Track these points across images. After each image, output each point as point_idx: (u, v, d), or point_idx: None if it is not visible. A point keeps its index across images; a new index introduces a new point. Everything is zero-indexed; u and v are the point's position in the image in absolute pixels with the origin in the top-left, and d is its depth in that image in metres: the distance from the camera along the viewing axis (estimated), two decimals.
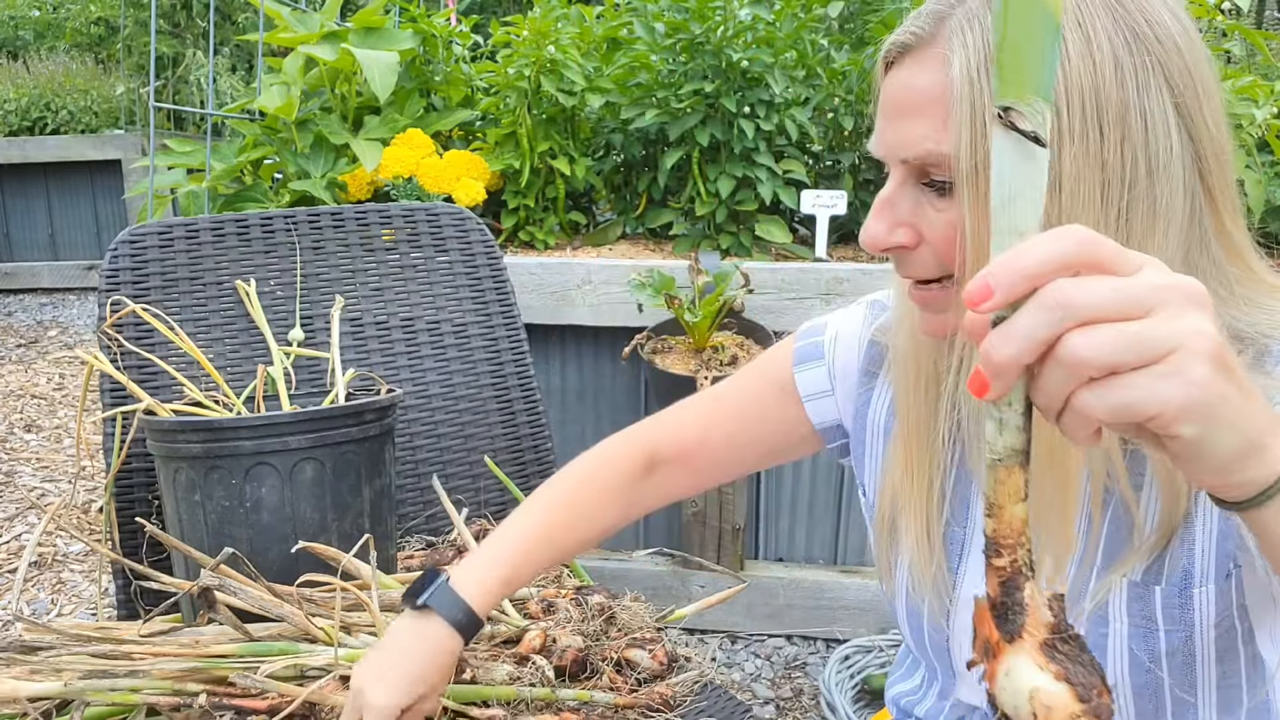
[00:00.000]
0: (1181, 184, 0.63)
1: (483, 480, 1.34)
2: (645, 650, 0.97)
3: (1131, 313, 0.40)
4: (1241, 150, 2.15)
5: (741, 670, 2.06)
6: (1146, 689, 0.73)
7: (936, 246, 0.67)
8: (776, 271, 1.96)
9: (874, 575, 2.03)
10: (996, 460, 0.42)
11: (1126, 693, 0.73)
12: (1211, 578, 0.70)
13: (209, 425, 1.00)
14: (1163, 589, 0.71)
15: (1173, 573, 0.70)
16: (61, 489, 2.84)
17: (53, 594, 2.35)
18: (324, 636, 0.88)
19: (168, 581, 0.95)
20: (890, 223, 0.68)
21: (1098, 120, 0.61)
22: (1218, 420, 0.41)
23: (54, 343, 4.38)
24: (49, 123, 5.39)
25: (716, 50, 2.05)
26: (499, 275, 1.44)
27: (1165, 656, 0.71)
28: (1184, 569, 0.70)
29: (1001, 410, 0.42)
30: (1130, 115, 0.62)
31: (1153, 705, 0.73)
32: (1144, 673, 0.72)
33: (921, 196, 0.67)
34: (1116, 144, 0.62)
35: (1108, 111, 0.61)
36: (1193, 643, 0.71)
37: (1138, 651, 0.72)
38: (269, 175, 2.22)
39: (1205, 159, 0.64)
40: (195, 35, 6.17)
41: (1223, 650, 0.71)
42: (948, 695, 0.90)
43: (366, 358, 1.33)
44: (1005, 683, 0.41)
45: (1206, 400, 0.41)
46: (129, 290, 1.24)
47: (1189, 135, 0.64)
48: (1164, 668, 0.72)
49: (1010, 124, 0.40)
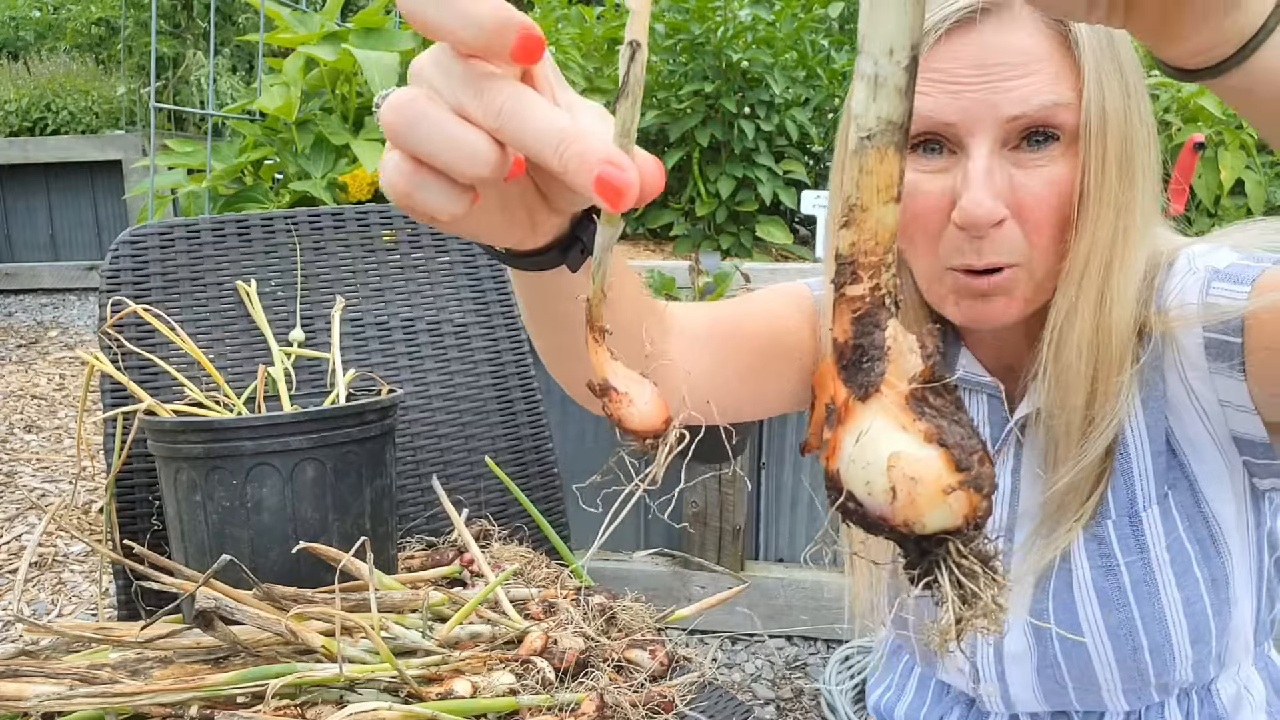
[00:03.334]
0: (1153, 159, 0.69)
1: (483, 480, 1.34)
2: (646, 651, 0.97)
3: None
4: (1241, 151, 2.15)
5: (742, 671, 2.06)
6: (1121, 629, 0.75)
7: (1030, 211, 0.67)
8: (777, 272, 1.96)
9: None
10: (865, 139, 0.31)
11: (1102, 635, 0.75)
12: (1154, 499, 0.73)
13: (210, 425, 1.00)
14: (1114, 520, 0.74)
15: (1118, 502, 0.74)
16: (62, 489, 2.85)
17: (53, 594, 2.35)
18: (324, 650, 0.88)
19: (168, 582, 0.95)
20: (993, 193, 0.66)
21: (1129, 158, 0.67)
22: None
23: (54, 343, 4.38)
24: (50, 123, 5.39)
25: (717, 51, 2.05)
26: (500, 276, 1.44)
27: (1131, 589, 0.74)
28: (1128, 497, 0.74)
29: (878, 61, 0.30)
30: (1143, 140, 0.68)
31: (1130, 646, 0.75)
32: (1114, 611, 0.74)
33: (1011, 163, 0.67)
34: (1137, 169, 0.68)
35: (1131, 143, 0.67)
36: (1151, 571, 0.74)
37: (1105, 589, 0.74)
38: (269, 176, 2.22)
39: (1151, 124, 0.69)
40: (196, 36, 6.17)
41: (1179, 573, 0.74)
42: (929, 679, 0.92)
43: (367, 358, 1.33)
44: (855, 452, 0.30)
45: None
46: (130, 291, 1.24)
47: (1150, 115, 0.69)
48: (1132, 601, 0.74)
49: None
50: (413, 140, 0.35)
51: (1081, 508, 0.73)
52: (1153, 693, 0.78)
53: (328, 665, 0.86)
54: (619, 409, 0.34)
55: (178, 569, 0.92)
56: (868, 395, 0.30)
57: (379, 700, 0.86)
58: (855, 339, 0.31)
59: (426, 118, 0.35)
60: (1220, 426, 0.71)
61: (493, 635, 0.98)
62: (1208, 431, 0.72)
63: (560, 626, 0.98)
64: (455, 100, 0.35)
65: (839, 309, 0.32)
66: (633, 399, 0.35)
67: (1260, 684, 0.83)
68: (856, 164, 0.31)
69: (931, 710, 0.91)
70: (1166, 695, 0.79)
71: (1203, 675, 0.78)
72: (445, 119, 0.35)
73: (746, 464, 2.06)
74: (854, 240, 0.31)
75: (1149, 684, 0.76)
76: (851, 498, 0.30)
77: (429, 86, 0.36)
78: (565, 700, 0.89)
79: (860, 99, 0.30)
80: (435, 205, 0.37)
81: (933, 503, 0.29)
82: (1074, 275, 0.67)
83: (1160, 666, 0.75)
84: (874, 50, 0.30)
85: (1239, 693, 0.81)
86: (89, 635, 0.93)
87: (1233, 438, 0.71)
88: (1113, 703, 0.78)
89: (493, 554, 1.19)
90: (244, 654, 0.89)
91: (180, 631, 0.91)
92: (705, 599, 1.07)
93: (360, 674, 0.85)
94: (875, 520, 0.30)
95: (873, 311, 0.31)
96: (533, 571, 1.12)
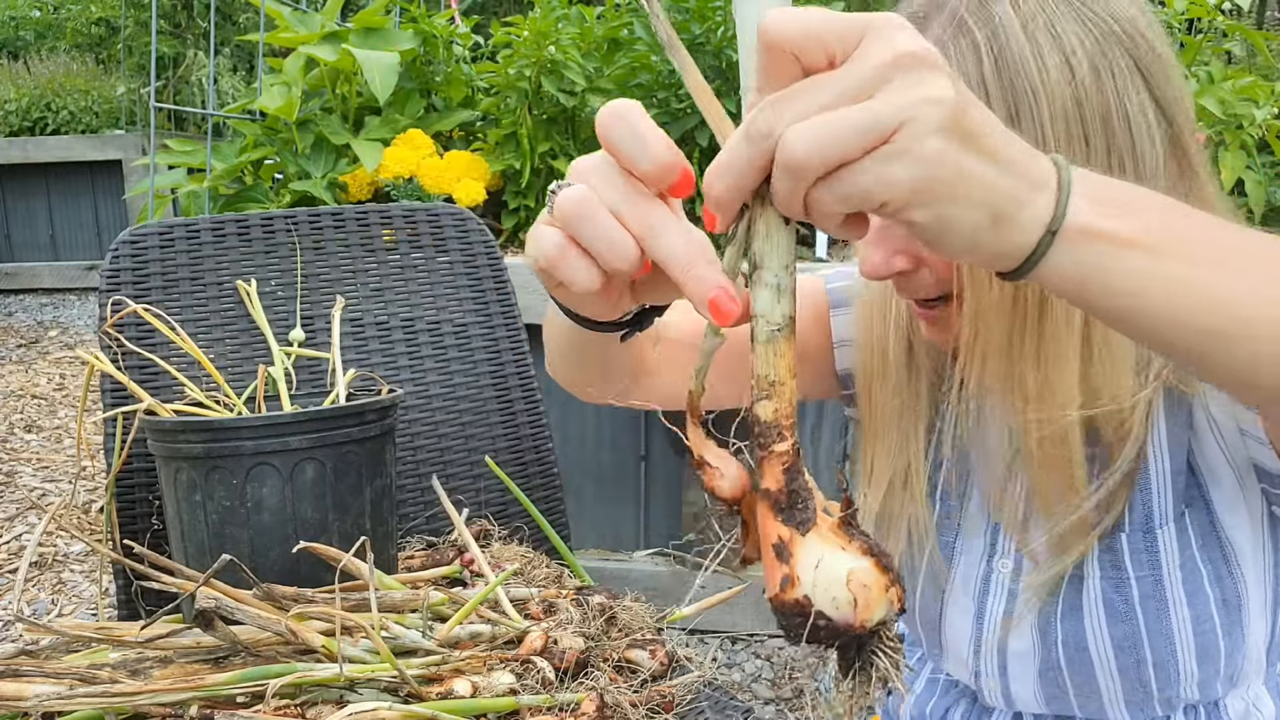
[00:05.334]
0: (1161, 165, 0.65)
1: (483, 480, 1.34)
2: (646, 651, 0.97)
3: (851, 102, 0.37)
4: (1242, 151, 2.16)
5: (742, 671, 2.06)
6: (1126, 641, 0.74)
7: (934, 267, 0.67)
8: None
9: None
10: (775, 330, 0.39)
11: (1108, 649, 0.74)
12: (1170, 517, 0.72)
13: (210, 425, 0.99)
14: (1128, 534, 0.73)
15: (1134, 517, 0.73)
16: (62, 489, 2.85)
17: (53, 594, 2.35)
18: (324, 649, 0.88)
19: (168, 582, 0.95)
20: (888, 251, 0.67)
21: (1082, 131, 0.62)
22: (955, 199, 0.38)
23: (54, 343, 4.38)
24: (50, 123, 5.39)
25: (717, 51, 2.05)
26: (500, 276, 1.44)
27: (1139, 603, 0.73)
28: (1144, 512, 0.73)
29: (778, 275, 0.39)
30: (1113, 119, 0.63)
31: (1133, 659, 0.74)
32: (1121, 623, 0.73)
33: None
34: (1103, 151, 0.63)
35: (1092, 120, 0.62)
36: (1162, 587, 0.73)
37: (1114, 601, 0.74)
38: (269, 175, 2.22)
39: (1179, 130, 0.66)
40: (196, 35, 6.17)
41: (1191, 592, 0.73)
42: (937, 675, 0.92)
43: (367, 358, 1.33)
44: (818, 577, 0.37)
45: (940, 177, 0.37)
46: (130, 290, 1.24)
47: (1164, 115, 0.65)
48: (1139, 616, 0.73)
49: None
50: (579, 228, 0.43)
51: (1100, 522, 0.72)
52: (1156, 706, 0.77)
53: (328, 665, 0.86)
54: (712, 480, 0.42)
55: (178, 569, 0.92)
56: (807, 528, 0.38)
57: (379, 700, 0.86)
58: (788, 486, 0.38)
59: (595, 215, 0.43)
60: (1240, 454, 0.71)
61: (493, 635, 0.97)
62: (1226, 459, 0.72)
63: (560, 626, 0.98)
64: (614, 205, 0.43)
65: (769, 464, 0.39)
66: (723, 473, 0.42)
67: (1270, 703, 0.82)
68: (771, 350, 0.39)
69: (938, 705, 0.92)
70: (1171, 710, 0.78)
71: (1209, 693, 0.77)
72: (609, 221, 0.43)
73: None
74: (776, 408, 0.39)
75: (1152, 697, 0.75)
76: (821, 615, 0.37)
77: (590, 186, 0.44)
78: (565, 700, 0.89)
79: (766, 301, 0.39)
80: (576, 278, 0.44)
81: (880, 600, 0.37)
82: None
83: (1164, 681, 0.74)
84: (774, 266, 0.39)
85: (1247, 710, 0.80)
86: (89, 635, 0.93)
87: (1252, 465, 0.71)
88: (1114, 713, 0.78)
89: (493, 554, 1.19)
90: (244, 654, 0.89)
91: (180, 631, 0.91)
92: (705, 599, 1.07)
93: (360, 674, 0.85)
94: (843, 629, 0.37)
95: (796, 463, 0.39)
96: (533, 571, 1.12)
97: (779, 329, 0.39)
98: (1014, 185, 0.40)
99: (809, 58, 0.38)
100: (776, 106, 0.38)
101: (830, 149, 0.36)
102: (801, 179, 0.37)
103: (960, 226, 0.40)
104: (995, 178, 0.39)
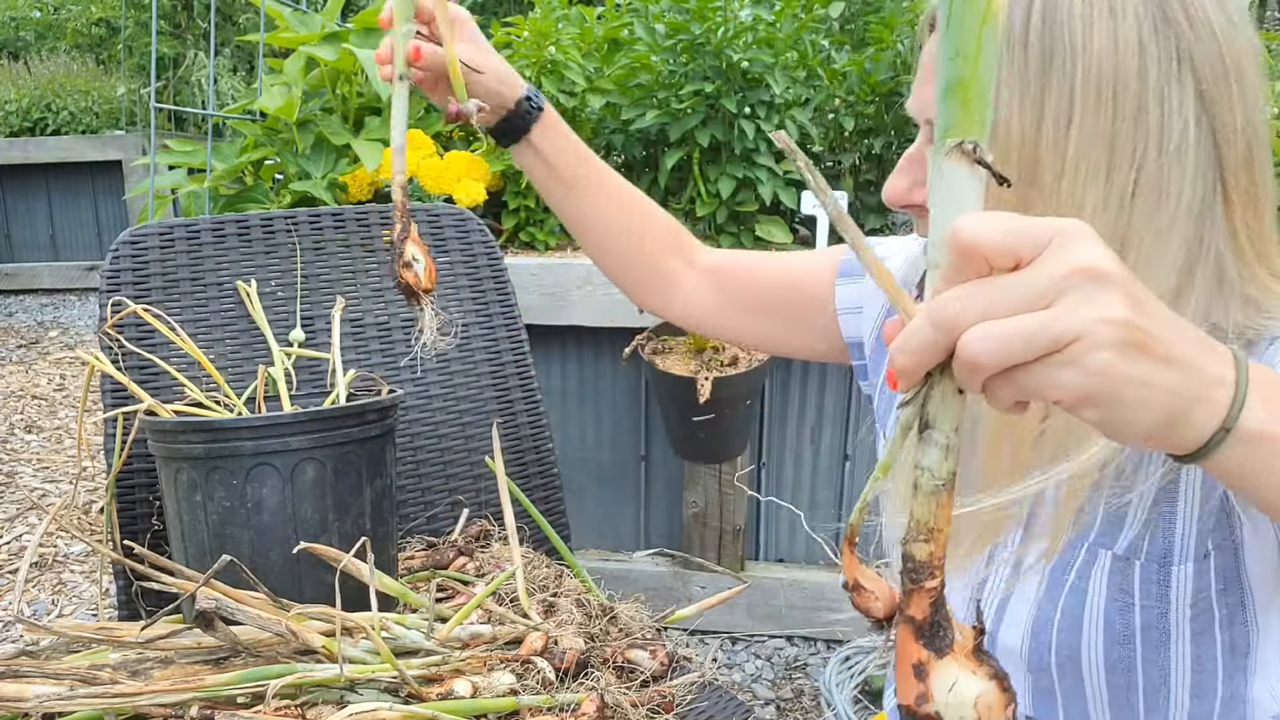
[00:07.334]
0: (1194, 173, 0.63)
1: (484, 480, 1.34)
2: (646, 651, 0.97)
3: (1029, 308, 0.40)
4: None
5: (742, 671, 2.06)
6: (1120, 664, 0.73)
7: None
8: None
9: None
10: (940, 485, 0.43)
11: (1099, 667, 0.74)
12: (1190, 556, 0.71)
13: (210, 426, 1.00)
14: (1142, 563, 0.72)
15: (1153, 549, 0.71)
16: (62, 490, 2.85)
17: (53, 595, 2.35)
18: (324, 650, 0.88)
19: (169, 582, 0.95)
20: (912, 180, 0.70)
21: (1113, 99, 0.62)
22: (1124, 403, 0.41)
23: (55, 343, 4.38)
24: (50, 123, 5.39)
25: (717, 51, 2.05)
26: (500, 276, 1.44)
27: (1140, 632, 0.72)
28: (1164, 546, 0.71)
29: (948, 436, 0.43)
30: (1147, 98, 0.62)
31: (1124, 681, 0.73)
32: (1118, 646, 0.73)
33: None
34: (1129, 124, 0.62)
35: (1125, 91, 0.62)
36: (1168, 620, 0.72)
37: (1114, 624, 0.73)
38: (270, 176, 2.22)
39: (1226, 152, 0.64)
40: (196, 36, 6.17)
41: (1198, 632, 0.72)
42: None
43: (367, 358, 1.33)
44: (950, 699, 0.42)
45: (1108, 387, 0.40)
46: (130, 291, 1.24)
47: (1210, 126, 0.63)
48: (1138, 643, 0.72)
49: (979, 159, 0.42)
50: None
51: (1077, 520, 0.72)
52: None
53: (328, 665, 0.86)
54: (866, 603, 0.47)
55: (178, 569, 0.92)
56: (944, 654, 0.43)
57: (379, 700, 0.86)
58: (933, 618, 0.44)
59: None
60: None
61: (493, 635, 0.98)
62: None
63: (560, 626, 0.98)
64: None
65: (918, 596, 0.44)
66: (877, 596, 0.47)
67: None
68: (934, 501, 0.43)
69: None
70: None
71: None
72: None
73: (746, 464, 2.06)
74: (931, 551, 0.44)
75: (1139, 716, 0.75)
76: None
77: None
78: (565, 700, 0.89)
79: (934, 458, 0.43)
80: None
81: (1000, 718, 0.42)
82: None
83: (1151, 706, 0.74)
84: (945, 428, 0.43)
85: None
86: (89, 636, 0.93)
87: None
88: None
89: (493, 554, 1.19)
90: (244, 654, 0.89)
91: (180, 632, 0.91)
92: (705, 599, 1.07)
93: (360, 674, 0.85)
94: None
95: (941, 597, 0.44)
96: (533, 571, 1.12)
97: (943, 484, 0.43)
98: (1187, 386, 0.43)
99: (998, 263, 0.41)
100: (963, 301, 0.40)
101: (1005, 357, 0.40)
102: (978, 374, 0.41)
103: (1133, 427, 0.42)
104: (1167, 382, 0.42)
